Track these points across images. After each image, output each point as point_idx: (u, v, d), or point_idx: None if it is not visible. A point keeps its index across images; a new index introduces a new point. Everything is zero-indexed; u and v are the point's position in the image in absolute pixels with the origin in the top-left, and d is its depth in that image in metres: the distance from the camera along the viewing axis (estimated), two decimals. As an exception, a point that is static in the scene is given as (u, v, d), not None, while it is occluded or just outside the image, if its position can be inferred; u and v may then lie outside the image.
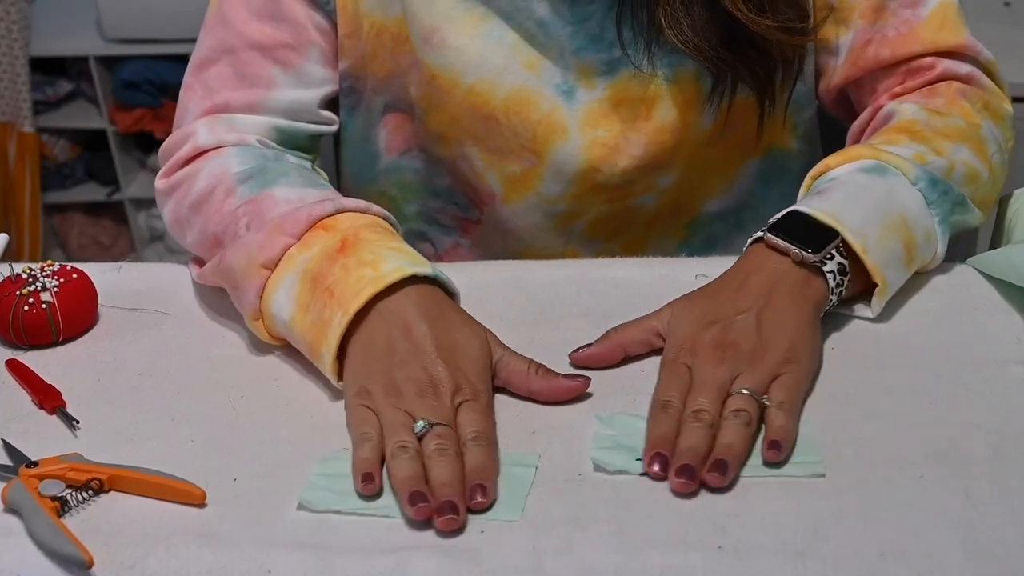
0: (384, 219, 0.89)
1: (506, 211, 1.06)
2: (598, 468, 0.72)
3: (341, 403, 0.80)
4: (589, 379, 0.79)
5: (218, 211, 0.91)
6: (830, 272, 0.82)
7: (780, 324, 0.79)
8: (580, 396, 0.79)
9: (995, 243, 1.01)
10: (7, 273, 0.91)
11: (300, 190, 0.90)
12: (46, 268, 0.90)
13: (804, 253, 0.81)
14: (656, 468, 0.71)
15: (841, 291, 0.83)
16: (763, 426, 0.74)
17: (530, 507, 0.69)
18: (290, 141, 1.02)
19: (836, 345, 0.84)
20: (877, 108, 1.00)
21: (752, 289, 0.81)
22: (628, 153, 1.01)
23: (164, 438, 0.78)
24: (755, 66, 0.96)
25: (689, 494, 0.70)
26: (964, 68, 0.99)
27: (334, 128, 1.05)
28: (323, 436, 0.77)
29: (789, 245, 0.82)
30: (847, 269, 0.83)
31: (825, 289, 0.82)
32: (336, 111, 1.06)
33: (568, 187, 1.03)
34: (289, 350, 0.86)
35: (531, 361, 0.80)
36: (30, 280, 0.89)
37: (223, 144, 0.97)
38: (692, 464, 0.70)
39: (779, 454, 0.71)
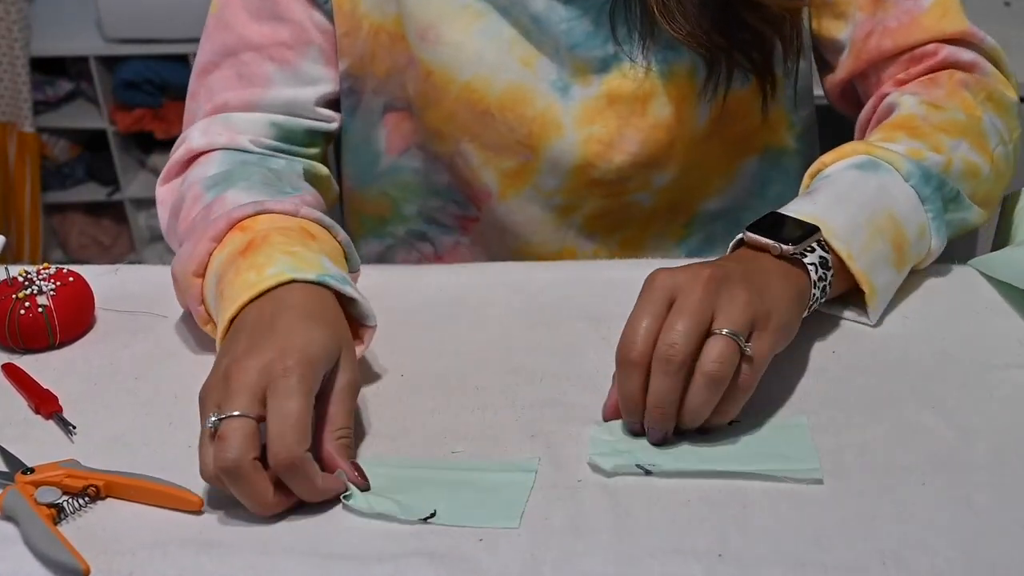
0: (317, 221, 0.87)
1: (503, 208, 1.06)
2: (596, 469, 0.72)
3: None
4: (343, 485, 0.71)
5: (187, 218, 0.92)
6: (811, 264, 0.80)
7: (764, 286, 0.76)
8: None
9: (998, 244, 1.01)
10: (3, 276, 0.90)
11: (254, 194, 0.89)
12: (43, 271, 0.90)
13: (783, 246, 0.80)
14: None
15: (825, 286, 0.81)
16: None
17: (529, 514, 0.69)
18: (289, 137, 1.02)
19: (837, 349, 0.84)
20: (881, 97, 1.00)
21: (742, 265, 0.79)
22: (623, 149, 1.01)
23: (161, 443, 0.77)
24: (751, 50, 0.97)
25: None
26: (967, 55, 0.99)
27: (334, 126, 1.06)
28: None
29: (768, 241, 0.80)
30: (830, 263, 0.81)
31: (807, 281, 0.80)
32: (339, 111, 1.06)
33: (564, 182, 1.03)
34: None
35: (348, 424, 0.73)
36: (26, 283, 0.89)
37: (213, 147, 0.98)
38: (660, 429, 0.72)
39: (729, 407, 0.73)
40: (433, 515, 0.69)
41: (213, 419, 0.69)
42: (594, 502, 0.70)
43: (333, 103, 1.06)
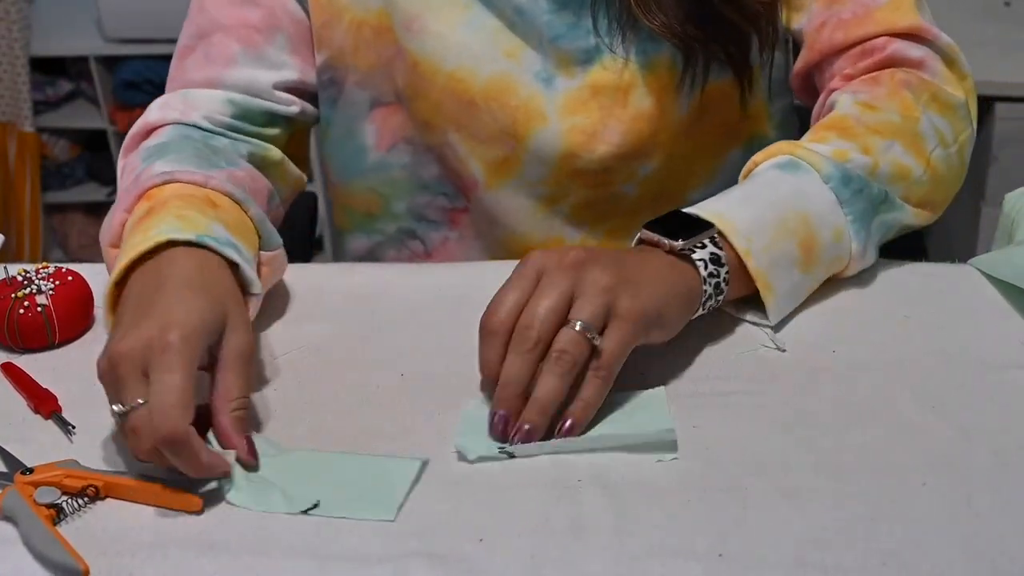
0: (227, 194, 0.88)
1: (490, 197, 1.07)
2: (461, 457, 0.74)
3: (340, 408, 0.80)
4: (228, 466, 0.72)
5: (124, 191, 0.93)
6: (700, 260, 0.81)
7: (639, 277, 0.77)
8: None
9: (998, 244, 1.00)
10: (2, 276, 0.90)
11: (182, 166, 0.90)
12: (41, 270, 0.90)
13: (672, 242, 0.81)
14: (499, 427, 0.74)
15: (718, 283, 0.81)
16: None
17: (528, 515, 0.69)
18: (246, 115, 1.03)
19: (837, 349, 0.84)
20: (828, 92, 1.00)
21: (625, 256, 0.80)
22: (606, 140, 1.02)
23: (160, 444, 0.77)
24: (728, 44, 0.98)
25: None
26: (916, 52, 0.98)
27: (293, 110, 1.06)
28: (321, 441, 0.77)
29: (658, 237, 0.81)
30: (723, 260, 0.81)
31: (696, 277, 0.80)
32: (300, 99, 1.07)
33: (548, 171, 1.04)
34: (289, 355, 0.86)
35: (243, 393, 0.75)
36: (25, 283, 0.89)
37: (165, 121, 1.00)
38: (507, 414, 0.74)
39: (570, 433, 0.73)
40: (315, 506, 0.70)
41: (117, 411, 0.70)
42: (594, 502, 0.69)
43: (294, 91, 1.07)
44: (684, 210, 0.84)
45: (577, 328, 0.74)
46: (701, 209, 0.84)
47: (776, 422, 0.76)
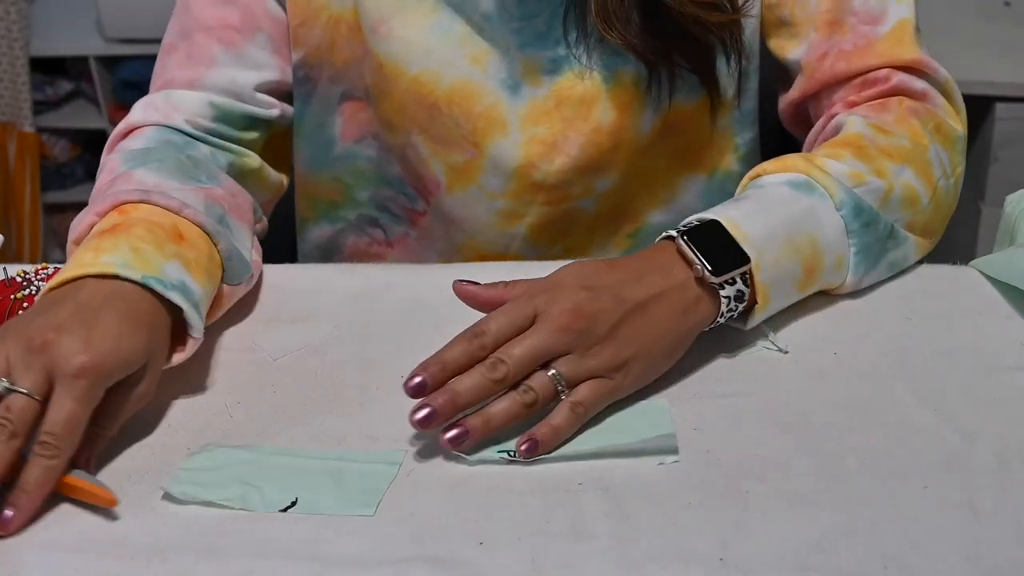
0: (199, 225, 0.86)
1: (449, 201, 1.07)
2: (460, 459, 0.74)
3: (339, 410, 0.80)
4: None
5: (97, 187, 0.94)
6: (726, 297, 0.80)
7: (639, 333, 0.77)
8: None
9: (999, 245, 1.00)
10: (1, 277, 0.90)
11: (162, 177, 0.90)
12: (40, 272, 0.90)
13: (706, 272, 0.80)
14: (412, 382, 0.74)
15: (731, 315, 0.82)
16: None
17: (528, 519, 0.69)
18: (227, 119, 1.03)
19: (838, 351, 0.83)
20: (830, 117, 0.99)
21: (644, 285, 0.79)
22: (564, 152, 1.02)
23: (159, 446, 0.77)
24: (691, 55, 0.98)
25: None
26: (919, 84, 0.98)
27: (273, 113, 1.06)
28: (321, 443, 0.76)
29: (695, 258, 0.80)
30: (745, 296, 0.81)
31: (713, 313, 0.81)
32: (279, 99, 1.08)
33: (507, 183, 1.04)
34: (288, 356, 0.85)
35: (111, 424, 0.76)
36: (24, 284, 0.89)
37: (147, 123, 1.00)
38: (438, 409, 0.73)
39: (529, 454, 0.73)
40: (293, 504, 0.71)
41: (3, 385, 0.70)
42: (594, 506, 0.69)
43: (275, 91, 1.07)
44: (715, 216, 0.82)
45: (550, 374, 0.75)
46: (717, 214, 0.82)
47: (777, 424, 0.76)
